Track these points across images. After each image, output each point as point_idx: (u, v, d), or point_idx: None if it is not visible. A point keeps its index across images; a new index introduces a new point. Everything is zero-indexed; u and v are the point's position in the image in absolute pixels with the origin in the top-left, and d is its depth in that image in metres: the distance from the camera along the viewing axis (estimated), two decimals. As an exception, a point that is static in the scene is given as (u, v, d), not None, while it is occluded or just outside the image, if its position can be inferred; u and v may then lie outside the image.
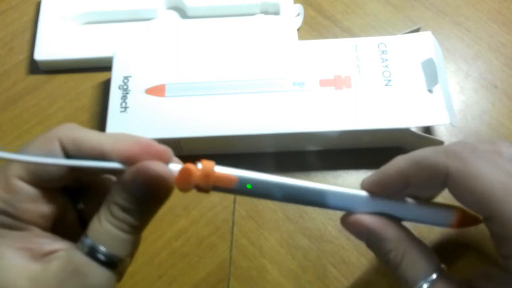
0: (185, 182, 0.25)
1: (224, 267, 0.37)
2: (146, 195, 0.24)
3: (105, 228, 0.23)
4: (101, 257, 0.23)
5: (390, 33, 0.47)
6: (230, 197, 0.40)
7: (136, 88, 0.40)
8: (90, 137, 0.25)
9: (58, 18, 0.46)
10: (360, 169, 0.41)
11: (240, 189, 0.25)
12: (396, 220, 0.27)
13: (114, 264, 0.23)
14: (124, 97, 0.40)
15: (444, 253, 0.35)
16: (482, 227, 0.26)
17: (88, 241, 0.23)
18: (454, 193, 0.25)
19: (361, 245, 0.37)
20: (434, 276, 0.24)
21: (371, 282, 0.36)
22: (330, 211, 0.39)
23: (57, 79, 0.45)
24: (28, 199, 0.24)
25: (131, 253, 0.25)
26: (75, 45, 0.45)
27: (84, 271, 0.23)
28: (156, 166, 0.24)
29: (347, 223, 0.28)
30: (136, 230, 0.24)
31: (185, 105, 0.39)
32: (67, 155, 0.24)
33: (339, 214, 0.39)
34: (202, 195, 0.40)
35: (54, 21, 0.46)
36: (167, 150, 0.25)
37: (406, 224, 0.27)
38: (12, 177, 0.23)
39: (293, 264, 0.37)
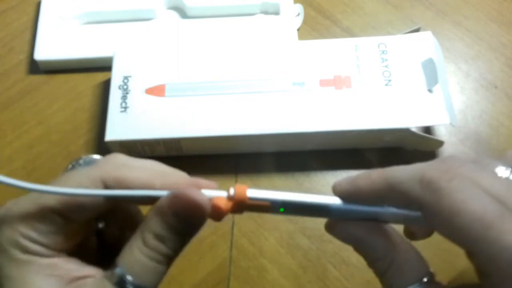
0: (217, 216, 0.25)
1: (224, 267, 0.37)
2: (182, 222, 0.24)
3: (137, 258, 0.23)
4: (119, 283, 0.23)
5: (390, 33, 0.47)
6: (230, 197, 0.40)
7: (136, 88, 0.40)
8: (136, 177, 0.24)
9: (58, 18, 0.46)
10: (360, 169, 0.41)
11: (273, 212, 0.25)
12: (383, 224, 0.26)
13: None
14: (124, 97, 0.40)
15: (451, 260, 0.35)
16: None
17: (118, 270, 0.23)
18: (430, 225, 0.23)
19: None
20: (419, 284, 0.23)
21: (371, 282, 0.36)
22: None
23: (57, 79, 0.45)
24: (61, 232, 0.24)
25: (159, 283, 0.24)
26: (75, 45, 0.45)
27: None
28: (193, 192, 0.23)
29: (334, 231, 0.27)
30: (167, 260, 0.24)
31: (185, 105, 0.39)
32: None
33: (339, 214, 0.39)
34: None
35: (54, 21, 0.46)
36: (213, 184, 0.25)
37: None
38: (48, 210, 0.23)
39: (293, 264, 0.37)
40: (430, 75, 0.40)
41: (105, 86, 0.44)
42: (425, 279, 0.23)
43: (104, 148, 0.40)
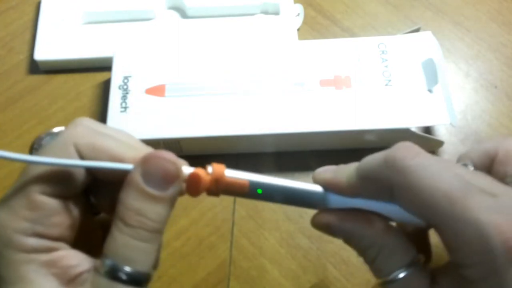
0: (195, 188, 0.24)
1: (224, 267, 0.37)
2: (158, 185, 0.22)
3: (121, 242, 0.21)
4: (123, 276, 0.21)
5: (390, 33, 0.47)
6: (230, 197, 0.40)
7: (136, 88, 0.40)
8: (108, 147, 0.23)
9: (58, 18, 0.46)
10: (360, 169, 0.41)
11: (250, 194, 0.24)
12: (367, 211, 0.25)
13: (138, 281, 0.22)
14: (124, 97, 0.40)
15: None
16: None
17: (107, 262, 0.21)
18: (402, 207, 0.23)
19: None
20: (406, 269, 0.24)
21: (371, 282, 0.36)
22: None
23: (57, 79, 0.45)
24: (54, 213, 0.22)
25: (155, 263, 0.23)
26: (75, 45, 0.45)
27: None
28: (163, 153, 0.22)
29: (318, 224, 0.26)
30: (154, 234, 0.22)
31: (185, 105, 0.39)
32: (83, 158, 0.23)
33: (339, 214, 0.39)
34: (202, 196, 0.40)
35: (54, 21, 0.46)
36: (184, 161, 0.24)
37: None
38: (33, 193, 0.22)
39: (293, 264, 0.37)
40: (430, 75, 0.40)
41: (105, 86, 0.44)
42: (413, 263, 0.24)
43: (104, 148, 0.40)
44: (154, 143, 0.39)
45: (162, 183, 0.22)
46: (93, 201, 0.26)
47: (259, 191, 0.25)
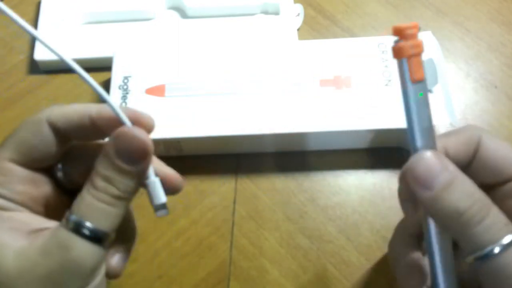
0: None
1: (224, 267, 0.37)
2: (127, 161, 0.24)
3: (88, 202, 0.24)
4: (86, 231, 0.23)
5: (390, 33, 0.47)
6: (230, 197, 0.40)
7: (136, 88, 0.40)
8: (76, 108, 0.26)
9: (58, 18, 0.46)
10: (360, 169, 0.41)
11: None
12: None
13: (98, 238, 0.24)
14: (124, 97, 0.40)
15: None
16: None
17: (72, 217, 0.23)
18: (482, 156, 0.25)
19: (361, 245, 0.38)
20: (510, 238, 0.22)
21: (371, 282, 0.36)
22: (330, 211, 0.39)
23: (57, 79, 0.45)
24: (21, 181, 0.25)
25: (116, 227, 0.25)
26: (75, 45, 0.45)
27: (68, 245, 0.23)
28: (135, 131, 0.24)
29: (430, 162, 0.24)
30: (120, 202, 0.24)
31: (185, 105, 0.39)
32: (58, 131, 0.25)
33: (339, 214, 0.39)
34: (202, 196, 0.40)
35: (54, 21, 0.46)
36: (151, 117, 0.27)
37: None
38: (4, 159, 0.25)
39: (293, 264, 0.37)
40: (430, 75, 0.40)
41: (105, 86, 0.44)
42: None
43: (104, 148, 0.40)
44: (154, 143, 0.39)
45: (132, 159, 0.24)
46: (62, 177, 0.28)
47: (421, 94, 0.25)
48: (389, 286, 0.36)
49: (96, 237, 0.23)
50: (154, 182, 0.26)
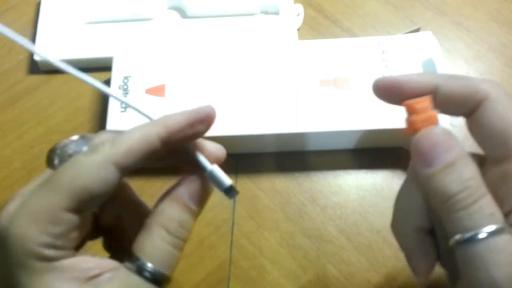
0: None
1: (224, 267, 0.37)
2: (199, 204, 0.25)
3: (159, 247, 0.23)
4: (148, 274, 0.23)
5: (390, 33, 0.47)
6: (230, 197, 0.40)
7: (136, 88, 0.40)
8: (138, 135, 0.24)
9: (58, 18, 0.46)
10: (360, 169, 0.41)
11: None
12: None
13: (162, 282, 0.23)
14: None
15: None
16: None
17: (139, 261, 0.23)
18: (481, 118, 0.24)
19: (361, 245, 0.38)
20: (500, 226, 0.21)
21: (371, 282, 0.36)
22: (330, 211, 0.39)
23: (57, 79, 0.45)
24: (75, 227, 0.23)
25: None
26: (75, 45, 0.45)
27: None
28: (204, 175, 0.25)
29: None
30: (185, 243, 0.25)
31: (185, 105, 0.39)
32: (124, 172, 0.23)
33: (339, 214, 0.39)
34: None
35: (54, 21, 0.46)
36: (221, 149, 0.28)
37: None
38: (60, 210, 0.22)
39: (293, 264, 0.37)
40: (430, 75, 0.40)
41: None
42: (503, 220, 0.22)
43: (104, 148, 0.40)
44: (154, 143, 0.39)
45: (200, 201, 0.25)
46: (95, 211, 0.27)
47: None
48: (389, 286, 0.36)
49: (160, 282, 0.23)
50: (213, 170, 0.26)
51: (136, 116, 0.39)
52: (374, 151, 0.41)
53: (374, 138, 0.40)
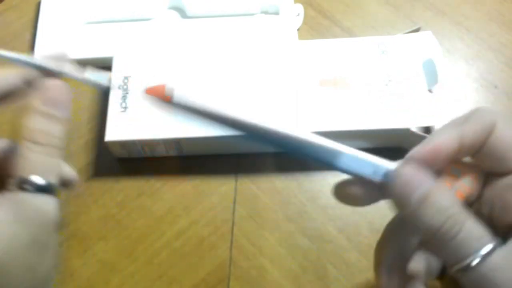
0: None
1: (224, 267, 0.37)
2: (57, 106, 0.26)
3: (32, 159, 0.24)
4: (29, 187, 0.23)
5: (390, 33, 0.47)
6: (230, 197, 0.40)
7: (136, 88, 0.40)
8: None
9: (58, 18, 0.46)
10: (360, 169, 0.41)
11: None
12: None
13: (51, 190, 0.24)
14: (124, 97, 0.40)
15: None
16: None
17: (18, 178, 0.23)
18: (491, 145, 0.24)
19: (361, 245, 0.38)
20: (492, 245, 0.21)
21: (371, 282, 0.36)
22: (330, 211, 0.39)
23: (57, 79, 0.45)
24: None
25: (66, 180, 0.26)
26: (75, 45, 0.45)
27: (35, 205, 0.23)
28: (58, 82, 0.27)
29: (401, 181, 0.24)
30: (60, 151, 0.25)
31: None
32: None
33: (339, 214, 0.39)
34: (202, 196, 0.40)
35: (54, 21, 0.46)
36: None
37: None
38: None
39: (293, 264, 0.37)
40: (430, 75, 0.40)
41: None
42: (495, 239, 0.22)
43: (104, 148, 0.40)
44: (154, 143, 0.39)
45: (57, 104, 0.26)
46: None
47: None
48: (389, 286, 0.36)
49: (49, 190, 0.24)
50: (86, 77, 0.28)
51: (136, 116, 0.39)
52: (374, 151, 0.41)
53: (374, 138, 0.40)
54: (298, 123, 0.38)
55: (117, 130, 0.39)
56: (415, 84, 0.40)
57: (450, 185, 0.25)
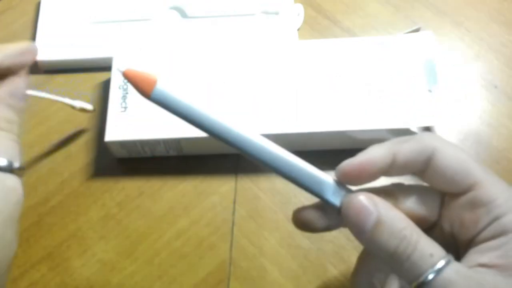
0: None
1: (224, 267, 0.37)
2: (19, 99, 0.29)
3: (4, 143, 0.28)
4: (5, 167, 0.27)
5: (390, 33, 0.47)
6: (230, 197, 0.40)
7: (136, 88, 0.40)
8: None
9: (58, 18, 0.46)
10: (360, 169, 0.41)
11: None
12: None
13: (5, 169, 0.27)
14: (124, 97, 0.40)
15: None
16: None
17: None
18: (437, 167, 0.25)
19: (361, 245, 0.38)
20: (444, 261, 0.23)
21: (371, 282, 0.36)
22: (330, 211, 0.39)
23: (57, 79, 0.45)
24: None
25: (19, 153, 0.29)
26: (75, 45, 0.45)
27: (8, 184, 0.27)
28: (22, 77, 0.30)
29: (351, 207, 0.25)
30: (18, 136, 0.29)
31: (185, 105, 0.39)
32: None
33: (339, 214, 0.39)
34: (202, 196, 0.40)
35: (54, 21, 0.46)
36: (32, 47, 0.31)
37: None
38: None
39: (293, 264, 0.37)
40: (430, 75, 0.40)
41: (105, 86, 0.44)
42: (447, 256, 0.23)
43: (104, 148, 0.40)
44: (154, 143, 0.39)
45: (19, 97, 0.30)
46: None
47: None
48: (389, 286, 0.36)
49: (3, 169, 0.27)
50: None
51: (136, 116, 0.39)
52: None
53: (374, 138, 0.40)
54: (298, 123, 0.38)
55: (117, 130, 0.39)
56: (415, 84, 0.40)
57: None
